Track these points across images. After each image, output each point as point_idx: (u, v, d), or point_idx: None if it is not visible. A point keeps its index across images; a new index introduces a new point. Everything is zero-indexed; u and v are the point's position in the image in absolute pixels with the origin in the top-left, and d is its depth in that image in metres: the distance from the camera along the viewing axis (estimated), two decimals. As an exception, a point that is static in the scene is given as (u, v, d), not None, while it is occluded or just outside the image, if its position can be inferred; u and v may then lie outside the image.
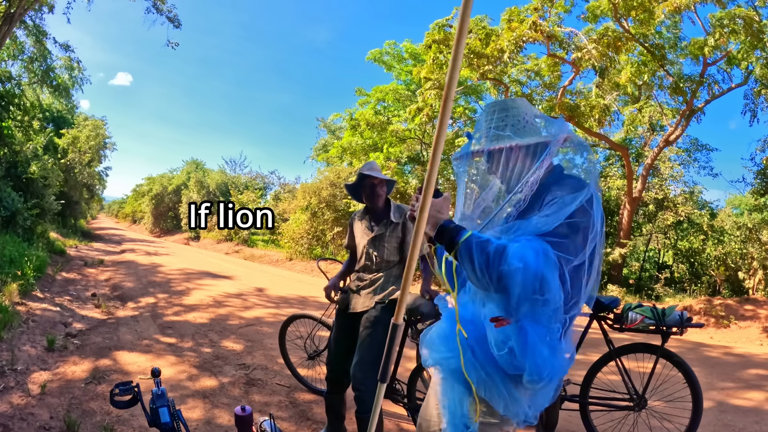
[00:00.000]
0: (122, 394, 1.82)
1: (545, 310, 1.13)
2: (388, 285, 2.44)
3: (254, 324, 5.49)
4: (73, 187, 19.97)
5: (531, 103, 1.36)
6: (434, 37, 9.90)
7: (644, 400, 2.55)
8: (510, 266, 1.10)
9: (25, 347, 3.85)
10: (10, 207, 9.91)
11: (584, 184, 1.21)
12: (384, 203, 2.52)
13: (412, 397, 2.68)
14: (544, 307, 1.13)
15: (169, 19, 12.11)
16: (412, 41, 15.41)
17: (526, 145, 1.25)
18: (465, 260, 1.17)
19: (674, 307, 2.48)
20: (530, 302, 1.12)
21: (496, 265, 1.11)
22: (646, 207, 11.76)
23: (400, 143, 14.25)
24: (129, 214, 43.19)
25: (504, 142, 1.26)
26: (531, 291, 1.10)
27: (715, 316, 7.25)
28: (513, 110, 1.28)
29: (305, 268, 13.66)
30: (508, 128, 1.27)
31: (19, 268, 6.32)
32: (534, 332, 1.15)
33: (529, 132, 1.26)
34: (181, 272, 10.20)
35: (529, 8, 9.30)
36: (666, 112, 11.25)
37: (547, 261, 1.10)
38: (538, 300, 1.12)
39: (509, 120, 1.27)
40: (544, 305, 1.12)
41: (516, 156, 1.26)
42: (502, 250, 1.12)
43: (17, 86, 11.87)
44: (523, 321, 1.16)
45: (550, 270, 1.10)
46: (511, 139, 1.26)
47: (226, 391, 3.31)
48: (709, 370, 4.51)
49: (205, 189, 25.81)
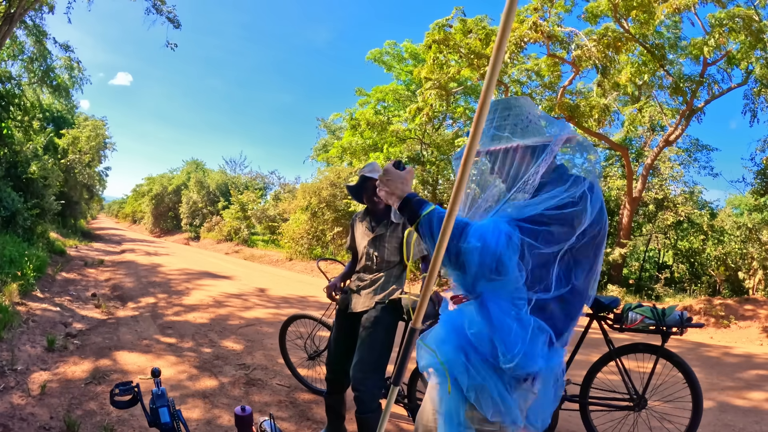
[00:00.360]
0: (122, 394, 1.82)
1: (504, 288, 1.13)
2: (388, 285, 2.44)
3: (254, 324, 5.49)
4: (73, 187, 19.98)
5: None
6: (434, 37, 9.89)
7: (644, 400, 2.55)
8: (468, 244, 1.10)
9: (25, 347, 3.85)
10: (10, 207, 9.91)
11: (581, 180, 1.20)
12: (385, 204, 2.52)
13: (412, 397, 2.68)
14: (502, 286, 1.12)
15: (169, 19, 12.11)
16: (412, 41, 15.43)
17: (527, 145, 1.24)
18: (426, 234, 1.18)
19: (674, 307, 2.47)
20: (487, 281, 1.12)
21: (455, 241, 1.11)
22: (646, 207, 11.77)
23: (400, 143, 14.25)
24: (129, 214, 43.21)
25: (505, 143, 1.25)
26: (487, 270, 1.10)
27: (715, 316, 7.25)
28: (515, 109, 1.27)
29: (305, 268, 13.66)
30: (509, 128, 1.25)
31: (19, 268, 6.31)
32: (496, 306, 1.14)
33: (531, 132, 1.25)
34: (181, 272, 10.20)
35: (529, 8, 9.31)
36: (666, 112, 11.26)
37: (509, 243, 1.09)
38: (495, 280, 1.12)
39: (510, 119, 1.26)
40: (502, 285, 1.12)
41: (517, 156, 1.25)
42: (463, 227, 1.12)
43: (17, 86, 11.86)
44: (484, 297, 1.16)
45: (510, 252, 1.09)
46: (511, 140, 1.25)
47: (226, 391, 3.31)
48: (709, 370, 4.51)
49: (205, 189, 25.83)
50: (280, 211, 19.33)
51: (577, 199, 1.15)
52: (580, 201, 1.15)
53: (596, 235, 1.21)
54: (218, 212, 23.69)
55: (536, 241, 1.12)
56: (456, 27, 9.93)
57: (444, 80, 10.22)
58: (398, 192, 1.25)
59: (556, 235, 1.14)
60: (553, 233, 1.14)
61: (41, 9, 11.60)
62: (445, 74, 10.14)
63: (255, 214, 20.16)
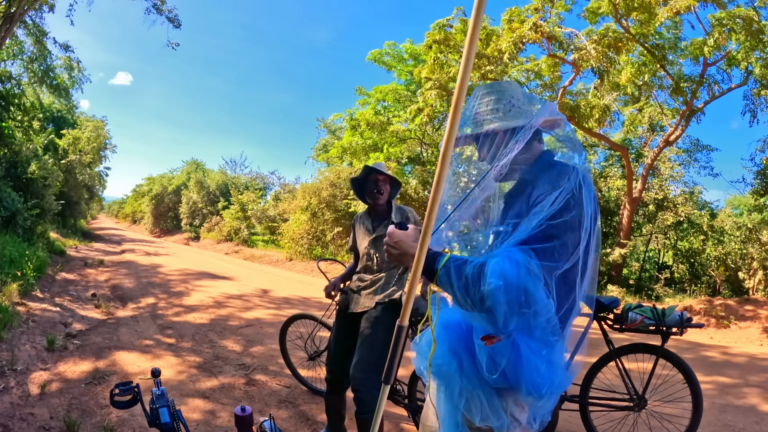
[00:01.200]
0: (122, 394, 1.82)
1: (537, 322, 1.08)
2: (388, 286, 2.44)
3: (254, 324, 5.49)
4: (73, 187, 19.96)
5: None
6: (435, 37, 9.90)
7: (644, 400, 2.55)
8: (490, 286, 1.05)
9: (25, 347, 3.85)
10: (10, 207, 9.91)
11: (569, 170, 1.15)
12: (386, 204, 2.52)
13: (412, 397, 2.68)
14: (535, 319, 1.08)
15: (169, 19, 12.12)
16: (413, 41, 15.42)
17: (508, 128, 1.21)
18: (446, 286, 1.14)
19: (674, 307, 2.48)
20: (518, 316, 1.07)
21: (477, 286, 1.07)
22: (646, 207, 11.77)
23: (400, 143, 14.25)
24: (129, 214, 43.21)
25: (487, 126, 1.23)
26: (517, 306, 1.05)
27: (715, 316, 7.25)
28: (497, 94, 1.24)
29: (305, 268, 13.66)
30: (492, 112, 1.23)
31: (19, 268, 6.31)
32: (527, 347, 1.10)
33: (513, 115, 1.22)
34: (181, 272, 10.20)
35: (530, 8, 9.31)
36: (666, 113, 11.26)
37: (529, 273, 1.05)
38: (526, 314, 1.07)
39: (492, 104, 1.23)
40: (534, 317, 1.07)
41: (497, 138, 1.22)
42: (479, 269, 1.08)
43: (17, 86, 11.86)
44: (515, 335, 1.11)
45: (533, 281, 1.05)
46: (491, 123, 1.22)
47: (226, 391, 3.31)
48: (709, 371, 4.51)
49: (205, 189, 25.84)
50: (280, 212, 19.33)
51: (576, 194, 1.10)
52: (579, 194, 1.10)
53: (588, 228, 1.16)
54: (218, 212, 23.69)
55: (553, 259, 1.08)
56: (456, 27, 9.94)
57: (444, 80, 10.22)
58: (411, 251, 1.21)
59: (570, 246, 1.10)
60: (567, 244, 1.09)
61: (41, 8, 11.60)
62: (445, 74, 10.14)
63: (255, 215, 20.17)
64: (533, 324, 1.08)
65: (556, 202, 1.09)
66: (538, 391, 1.10)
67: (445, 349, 1.23)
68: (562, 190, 1.10)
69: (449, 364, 1.21)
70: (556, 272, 1.09)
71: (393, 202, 2.55)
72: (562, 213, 1.09)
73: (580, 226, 1.10)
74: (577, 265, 1.13)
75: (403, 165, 15.22)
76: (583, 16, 9.55)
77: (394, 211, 2.49)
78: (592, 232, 1.15)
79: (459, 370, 1.20)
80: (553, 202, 1.09)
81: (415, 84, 14.60)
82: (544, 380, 1.10)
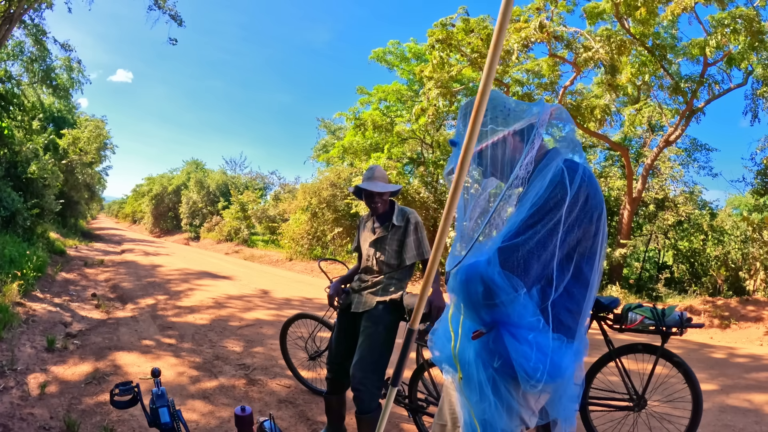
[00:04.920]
0: (122, 394, 1.82)
1: (513, 309, 1.11)
2: (389, 287, 2.44)
3: (254, 324, 5.49)
4: (73, 187, 19.96)
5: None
6: (437, 35, 9.88)
7: (644, 400, 2.54)
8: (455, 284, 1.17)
9: (25, 347, 3.85)
10: (10, 207, 9.91)
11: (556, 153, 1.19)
12: (387, 207, 2.52)
13: (413, 397, 2.68)
14: (507, 307, 1.11)
15: (172, 16, 12.12)
16: (417, 41, 15.37)
17: (516, 130, 1.22)
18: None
19: (674, 307, 2.47)
20: (488, 308, 1.13)
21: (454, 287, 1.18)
22: (646, 207, 11.77)
23: (402, 144, 14.24)
24: (129, 214, 43.21)
25: (491, 136, 1.23)
26: (481, 299, 1.12)
27: (715, 316, 7.25)
28: (491, 102, 1.24)
29: (305, 268, 13.65)
30: (489, 123, 1.23)
31: (19, 268, 6.31)
32: (509, 334, 1.13)
33: (513, 118, 1.23)
34: (181, 272, 10.20)
35: (531, 8, 9.30)
36: (666, 113, 11.25)
37: (489, 264, 1.10)
38: (492, 305, 1.11)
39: (488, 114, 1.23)
40: (506, 306, 1.10)
41: (507, 145, 1.23)
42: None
43: (17, 86, 11.87)
44: (499, 326, 1.14)
45: (491, 273, 1.10)
46: (495, 131, 1.23)
47: (226, 392, 3.31)
48: (709, 371, 4.51)
49: (205, 189, 25.84)
50: (280, 212, 19.32)
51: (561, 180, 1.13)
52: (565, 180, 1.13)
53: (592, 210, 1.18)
54: (218, 212, 23.70)
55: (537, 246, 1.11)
56: (458, 26, 9.92)
57: (446, 79, 10.21)
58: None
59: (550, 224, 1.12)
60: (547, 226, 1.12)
61: (40, 8, 11.60)
62: (447, 73, 10.13)
63: (255, 214, 20.17)
64: (509, 311, 1.12)
65: (541, 190, 1.13)
66: (533, 376, 1.11)
67: (463, 342, 1.25)
68: (543, 176, 1.14)
69: (468, 355, 1.23)
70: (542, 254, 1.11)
71: (395, 204, 2.55)
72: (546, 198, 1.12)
73: (559, 200, 1.12)
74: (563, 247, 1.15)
75: (404, 165, 15.21)
76: (587, 16, 9.53)
77: (396, 212, 2.49)
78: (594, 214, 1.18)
79: (477, 361, 1.21)
80: (535, 190, 1.13)
81: (417, 83, 14.58)
82: (538, 364, 1.11)
